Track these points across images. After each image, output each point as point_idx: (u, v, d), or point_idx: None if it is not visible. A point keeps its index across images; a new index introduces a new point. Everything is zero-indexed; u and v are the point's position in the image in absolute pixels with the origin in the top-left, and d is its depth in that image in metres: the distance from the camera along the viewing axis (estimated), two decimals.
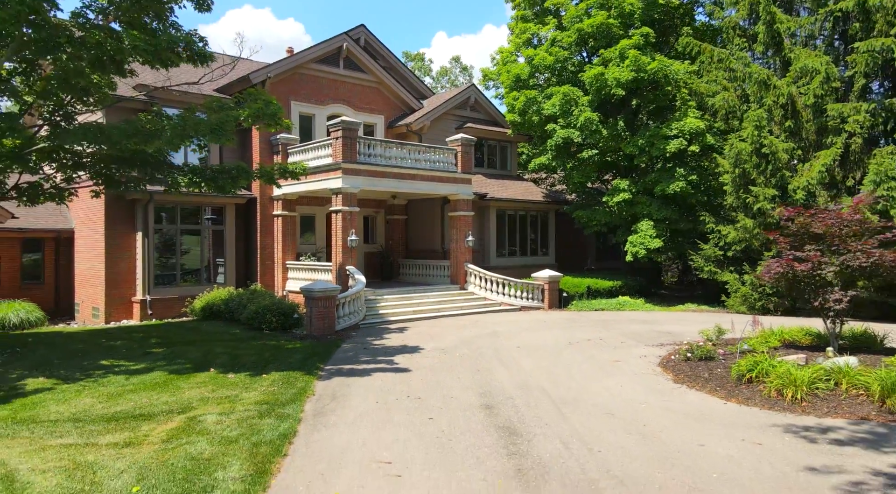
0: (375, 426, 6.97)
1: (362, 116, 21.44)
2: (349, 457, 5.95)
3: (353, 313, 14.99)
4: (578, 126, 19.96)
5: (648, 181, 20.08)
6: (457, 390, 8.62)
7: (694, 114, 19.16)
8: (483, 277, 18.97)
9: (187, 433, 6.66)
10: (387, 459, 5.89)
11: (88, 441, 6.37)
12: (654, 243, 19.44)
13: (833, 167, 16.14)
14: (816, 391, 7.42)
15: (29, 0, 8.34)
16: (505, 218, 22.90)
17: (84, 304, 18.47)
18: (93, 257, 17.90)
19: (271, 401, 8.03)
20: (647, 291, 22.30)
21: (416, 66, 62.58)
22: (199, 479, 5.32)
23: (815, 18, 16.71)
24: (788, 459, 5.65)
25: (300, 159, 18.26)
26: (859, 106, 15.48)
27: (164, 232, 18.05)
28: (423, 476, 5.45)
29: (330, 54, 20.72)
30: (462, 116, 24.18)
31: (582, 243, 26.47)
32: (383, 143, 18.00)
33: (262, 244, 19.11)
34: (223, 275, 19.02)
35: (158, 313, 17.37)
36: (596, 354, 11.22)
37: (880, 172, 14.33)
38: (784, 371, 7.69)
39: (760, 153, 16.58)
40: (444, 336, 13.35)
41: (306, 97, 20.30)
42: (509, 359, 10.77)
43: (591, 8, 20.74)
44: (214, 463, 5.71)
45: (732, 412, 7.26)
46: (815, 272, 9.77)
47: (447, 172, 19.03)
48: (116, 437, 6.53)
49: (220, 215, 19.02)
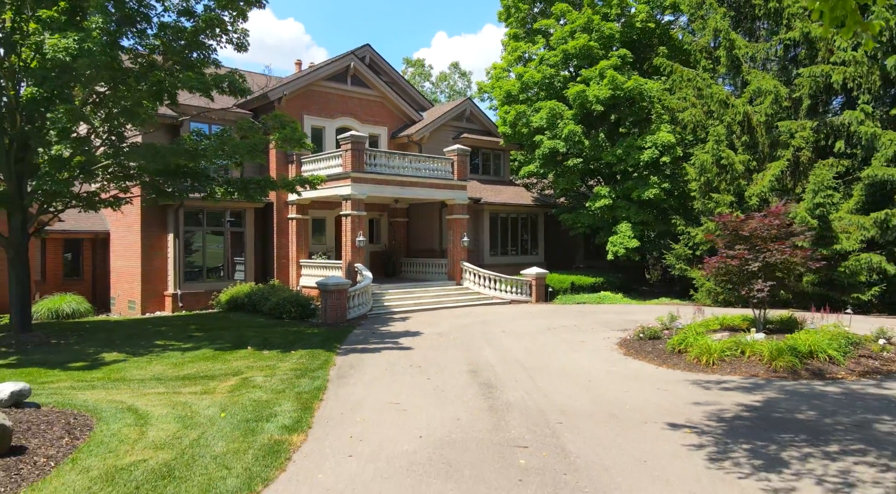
0: (385, 384, 9.17)
1: (368, 127, 23.65)
2: (367, 401, 8.14)
3: (362, 304, 17.19)
4: (563, 137, 22.15)
5: (627, 188, 22.27)
6: (449, 361, 10.82)
7: (667, 128, 21.36)
8: (477, 274, 21.18)
9: (244, 387, 8.86)
10: (395, 402, 8.09)
11: (174, 391, 8.59)
12: (632, 243, 21.64)
13: (784, 177, 18.35)
14: (725, 357, 9.63)
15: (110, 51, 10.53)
16: (498, 220, 25.12)
17: (120, 298, 20.68)
18: (129, 255, 20.11)
19: (303, 368, 10.22)
20: (628, 287, 24.47)
21: (417, 71, 64.80)
22: (263, 411, 7.52)
23: (770, 44, 18.91)
24: (684, 398, 7.87)
25: (312, 168, 20.46)
26: (805, 123, 17.69)
27: (192, 234, 20.26)
28: (423, 410, 7.65)
29: (339, 72, 22.94)
30: (459, 126, 26.39)
31: (571, 243, 28.64)
32: (387, 154, 20.21)
33: (278, 244, 21.32)
34: (242, 272, 21.23)
35: (188, 305, 19.58)
36: (568, 337, 13.42)
37: (818, 183, 16.54)
38: (703, 344, 9.91)
39: (720, 164, 18.80)
40: (441, 324, 15.55)
41: (317, 111, 22.51)
42: (495, 341, 12.97)
43: (575, 31, 22.92)
44: (271, 403, 7.90)
45: (660, 373, 9.47)
46: (744, 267, 11.96)
47: (444, 179, 21.24)
48: (193, 389, 8.73)
49: (240, 218, 21.23)
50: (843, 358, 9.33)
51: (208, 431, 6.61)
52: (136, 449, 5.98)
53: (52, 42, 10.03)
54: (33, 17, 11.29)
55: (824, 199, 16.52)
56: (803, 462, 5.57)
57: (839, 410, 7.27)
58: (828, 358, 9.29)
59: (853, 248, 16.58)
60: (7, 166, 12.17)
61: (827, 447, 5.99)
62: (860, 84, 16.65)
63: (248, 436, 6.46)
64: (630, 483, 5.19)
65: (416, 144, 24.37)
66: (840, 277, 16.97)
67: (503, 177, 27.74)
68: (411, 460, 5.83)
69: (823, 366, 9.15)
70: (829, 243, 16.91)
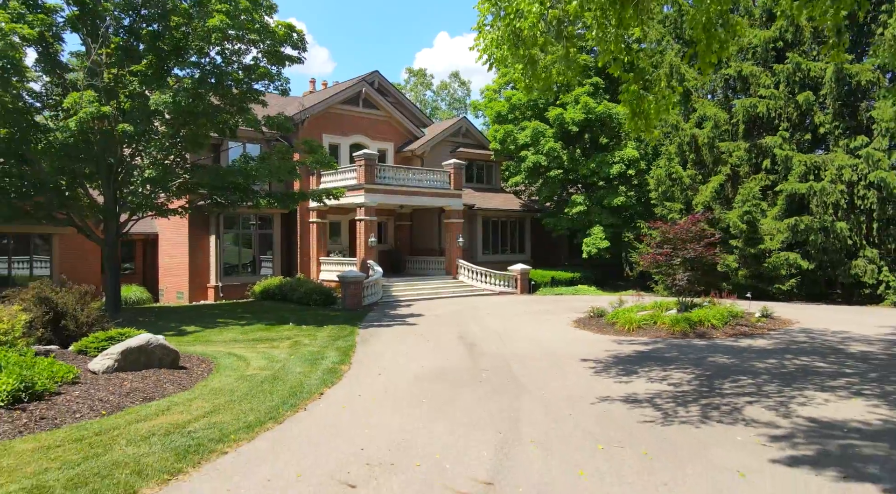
0: (397, 344, 12.92)
1: (377, 143, 27.43)
2: (385, 353, 11.88)
3: (374, 294, 20.95)
4: (545, 153, 25.90)
5: (599, 196, 26.01)
6: (444, 332, 14.58)
7: (632, 145, 25.11)
8: (471, 269, 24.94)
9: (298, 345, 12.61)
10: (405, 353, 11.84)
11: (251, 346, 12.36)
12: (603, 244, 25.40)
13: (725, 188, 22.09)
14: (642, 326, 13.38)
15: (192, 102, 14.31)
16: (489, 223, 28.88)
17: (168, 289, 24.48)
18: (176, 253, 23.91)
19: (336, 336, 13.98)
20: (604, 281, 28.19)
21: (419, 81, 68.66)
22: (317, 356, 11.27)
23: (713, 78, 22.64)
24: (600, 348, 11.63)
25: (331, 180, 24.22)
26: (740, 144, 21.43)
27: (228, 235, 24.03)
28: (423, 356, 11.40)
29: (352, 97, 26.72)
30: (456, 141, 30.16)
31: (555, 243, 32.36)
32: (394, 168, 23.99)
33: (302, 244, 25.10)
34: (270, 268, 25.01)
35: (227, 295, 23.36)
36: (538, 317, 17.16)
37: (745, 194, 20.29)
38: (628, 317, 13.67)
39: (671, 178, 22.56)
40: (439, 309, 19.31)
41: (334, 130, 26.30)
42: (480, 320, 16.72)
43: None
44: (321, 353, 11.65)
45: (593, 337, 13.22)
46: (670, 261, 15.72)
47: (443, 188, 25.00)
48: (263, 346, 12.49)
49: (268, 222, 25.01)
50: (722, 325, 13.09)
51: (287, 364, 10.38)
52: (249, 370, 9.76)
53: (154, 97, 13.82)
54: (128, 72, 15.09)
55: (751, 207, 20.27)
56: (647, 372, 9.33)
57: (693, 352, 11.01)
58: (711, 326, 13.05)
59: (776, 247, 20.31)
60: (108, 185, 15.97)
61: (666, 366, 9.76)
62: (780, 114, 20.40)
63: (313, 366, 10.23)
64: (543, 380, 8.93)
65: (418, 158, 28.14)
66: (766, 271, 20.70)
67: (494, 185, 31.51)
68: (415, 376, 9.58)
69: (707, 331, 12.90)
70: (757, 243, 20.66)
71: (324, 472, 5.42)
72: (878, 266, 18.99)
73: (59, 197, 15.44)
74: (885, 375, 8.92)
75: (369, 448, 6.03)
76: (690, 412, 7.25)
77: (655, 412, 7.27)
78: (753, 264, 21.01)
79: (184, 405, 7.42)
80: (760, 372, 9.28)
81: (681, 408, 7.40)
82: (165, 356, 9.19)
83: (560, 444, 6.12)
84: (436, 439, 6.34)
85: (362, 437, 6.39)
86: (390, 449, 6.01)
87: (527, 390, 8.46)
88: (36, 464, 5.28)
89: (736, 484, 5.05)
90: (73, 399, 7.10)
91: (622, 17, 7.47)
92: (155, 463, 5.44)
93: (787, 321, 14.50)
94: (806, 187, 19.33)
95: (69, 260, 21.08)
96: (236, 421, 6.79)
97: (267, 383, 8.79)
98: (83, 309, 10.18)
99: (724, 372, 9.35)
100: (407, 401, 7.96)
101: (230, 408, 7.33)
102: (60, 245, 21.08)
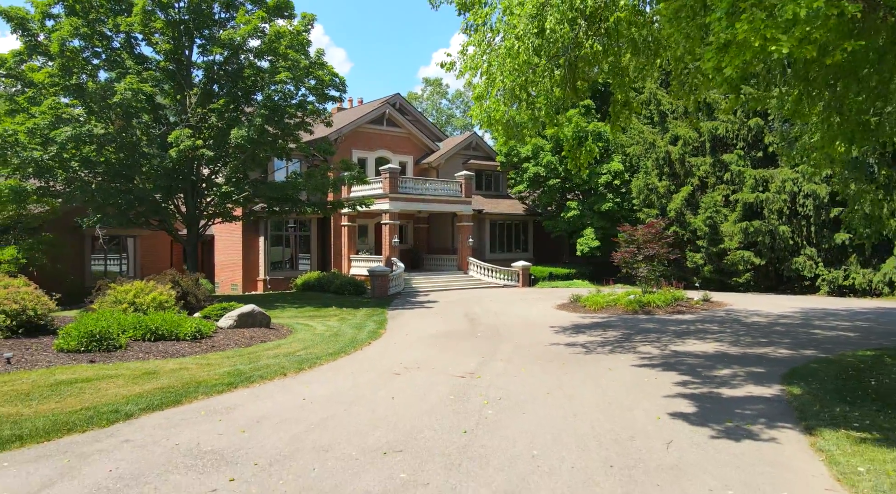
0: (418, 319, 17.17)
1: (398, 156, 31.75)
2: (409, 324, 16.13)
3: (397, 285, 25.24)
4: (543, 165, 30.03)
5: (590, 202, 30.07)
6: (454, 312, 18.81)
7: (618, 158, 29.14)
8: (479, 265, 29.14)
9: (344, 320, 16.92)
10: (423, 323, 16.09)
11: (309, 320, 16.69)
12: (594, 243, 29.46)
13: (694, 196, 26.05)
14: (604, 306, 17.50)
15: (260, 135, 18.71)
16: (496, 226, 33.07)
17: (223, 282, 29.00)
18: (230, 252, 28.42)
19: (370, 314, 18.27)
20: (597, 277, 32.17)
21: (434, 90, 72.99)
22: (360, 326, 15.56)
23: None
24: (569, 320, 15.79)
25: (359, 189, 28.54)
26: (706, 160, 25.40)
27: (274, 236, 28.49)
28: (437, 325, 15.63)
29: (376, 118, 31.08)
30: (467, 154, 34.39)
31: (556, 243, 36.42)
32: (413, 179, 28.29)
33: (334, 244, 29.48)
34: (307, 264, 29.42)
35: (273, 287, 27.81)
36: (531, 303, 21.33)
37: (708, 202, 24.28)
38: (595, 299, 17.78)
39: (649, 188, 26.58)
40: (450, 297, 23.55)
41: (362, 146, 30.67)
42: (483, 304, 20.92)
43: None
44: (362, 324, 15.94)
45: (567, 315, 17.36)
46: (635, 258, 19.82)
47: (455, 196, 29.24)
48: (318, 320, 16.82)
49: (306, 225, 29.44)
50: (665, 306, 17.17)
51: (341, 328, 14.70)
52: (317, 331, 14.09)
53: (234, 133, 18.23)
54: (208, 110, 19.55)
55: (713, 213, 24.25)
56: (591, 332, 13.49)
57: (633, 323, 15.10)
58: (656, 306, 17.14)
59: (734, 247, 24.25)
60: (190, 198, 20.46)
61: (607, 329, 13.93)
62: (737, 135, 24.36)
63: (359, 330, 14.53)
64: (518, 336, 13.10)
65: (434, 169, 32.42)
66: (726, 266, 24.66)
67: (501, 192, 35.70)
68: (430, 334, 13.83)
69: (652, 309, 17.00)
70: (718, 243, 24.63)
71: (379, 369, 9.71)
72: (816, 262, 22.89)
73: (155, 208, 19.92)
74: (747, 333, 13.02)
75: (403, 362, 10.31)
76: (604, 349, 11.42)
77: (583, 349, 11.46)
78: (716, 261, 24.99)
79: (287, 345, 11.78)
80: (668, 332, 13.42)
81: (600, 348, 11.58)
82: (263, 319, 13.55)
83: (516, 360, 10.35)
84: (443, 359, 10.59)
85: (398, 358, 10.67)
86: (416, 362, 10.28)
87: (505, 340, 12.69)
88: (227, 364, 9.64)
89: (605, 373, 9.24)
90: (222, 339, 11.49)
91: (562, 96, 11.64)
92: (287, 365, 9.76)
93: (720, 304, 18.55)
94: (754, 197, 23.30)
95: (146, 257, 25.74)
96: (322, 352, 11.10)
97: (332, 337, 13.11)
98: (199, 289, 14.58)
99: (643, 332, 13.50)
100: (425, 345, 12.24)
101: (316, 347, 11.66)
102: (140, 245, 25.75)
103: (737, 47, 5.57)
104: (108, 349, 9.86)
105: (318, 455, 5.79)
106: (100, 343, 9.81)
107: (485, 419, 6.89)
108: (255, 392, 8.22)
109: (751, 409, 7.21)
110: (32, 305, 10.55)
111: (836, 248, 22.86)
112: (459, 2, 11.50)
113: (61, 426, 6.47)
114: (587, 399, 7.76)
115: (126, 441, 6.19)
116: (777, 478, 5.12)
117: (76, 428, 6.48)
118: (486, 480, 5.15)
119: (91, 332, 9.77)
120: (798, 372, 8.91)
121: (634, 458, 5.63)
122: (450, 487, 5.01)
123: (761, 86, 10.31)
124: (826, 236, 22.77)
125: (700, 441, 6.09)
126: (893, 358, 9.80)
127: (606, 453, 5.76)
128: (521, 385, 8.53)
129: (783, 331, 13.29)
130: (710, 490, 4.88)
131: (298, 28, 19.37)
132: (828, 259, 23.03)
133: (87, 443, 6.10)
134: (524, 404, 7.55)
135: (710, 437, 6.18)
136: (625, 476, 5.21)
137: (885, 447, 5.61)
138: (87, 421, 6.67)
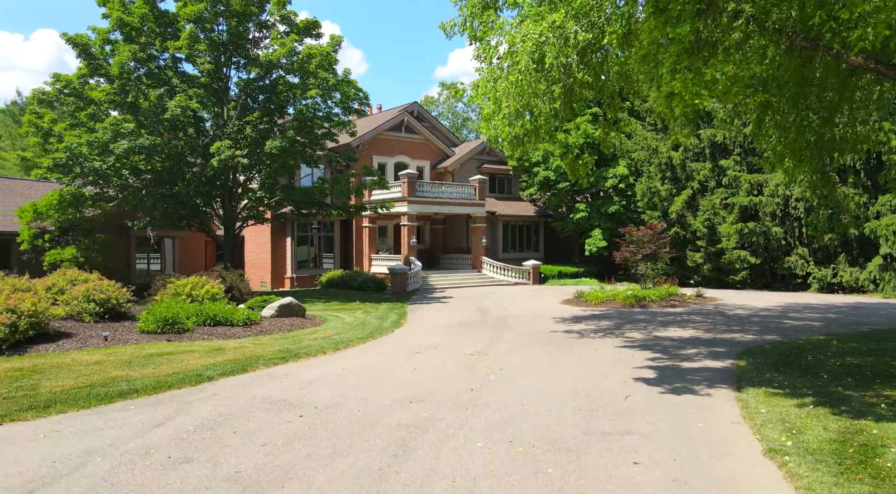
0: (434, 312, 19.05)
1: (416, 161, 33.68)
2: (427, 315, 18.02)
3: (415, 282, 27.16)
4: (553, 169, 31.77)
5: (598, 204, 31.75)
6: (467, 306, 20.67)
7: (624, 163, 30.79)
8: (492, 264, 30.97)
9: (368, 313, 18.85)
10: (439, 315, 17.97)
11: (338, 312, 18.65)
12: (601, 243, 31.15)
13: (694, 199, 27.65)
14: (604, 301, 19.24)
15: (291, 145, 20.73)
16: (509, 227, 34.86)
17: (253, 280, 31.11)
18: (260, 251, 30.53)
19: (392, 308, 20.19)
20: (603, 275, 33.85)
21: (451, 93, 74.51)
22: (384, 317, 17.48)
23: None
24: (570, 313, 17.57)
25: (380, 193, 30.51)
26: (705, 165, 26.98)
27: (300, 236, 30.56)
28: (451, 317, 17.52)
29: (395, 125, 33.04)
30: (481, 158, 36.23)
31: (566, 243, 38.14)
32: (430, 183, 30.20)
33: (356, 244, 31.48)
34: (331, 263, 31.45)
35: (299, 284, 29.88)
36: (538, 298, 23.11)
37: (706, 205, 25.88)
38: (596, 295, 19.53)
39: (652, 191, 28.23)
40: (464, 293, 25.41)
41: (382, 152, 32.65)
42: (495, 300, 22.76)
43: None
44: (385, 316, 17.86)
45: (570, 308, 19.13)
46: (635, 257, 21.54)
47: (469, 199, 31.09)
48: (346, 312, 18.78)
49: (330, 226, 31.47)
50: (659, 300, 18.88)
51: (367, 319, 16.63)
52: (346, 321, 16.03)
53: (269, 143, 20.26)
54: (244, 122, 21.61)
55: (711, 215, 25.86)
56: (588, 322, 15.27)
57: (627, 314, 16.83)
58: (651, 300, 18.85)
59: (731, 247, 25.83)
60: (228, 202, 22.55)
61: (602, 320, 15.69)
62: (734, 141, 25.94)
63: (383, 320, 16.44)
64: (523, 325, 14.92)
65: (450, 174, 34.31)
66: (724, 265, 26.24)
67: (513, 194, 37.49)
68: (446, 324, 15.70)
69: (647, 304, 18.71)
70: (716, 243, 26.22)
71: (402, 350, 11.62)
72: (807, 261, 24.41)
73: (196, 211, 22.03)
74: (725, 323, 14.73)
75: (423, 344, 12.21)
76: (596, 335, 13.22)
77: (577, 335, 13.26)
78: (715, 260, 26.58)
79: (322, 331, 13.74)
80: (656, 322, 15.16)
81: (593, 334, 13.38)
82: (299, 310, 15.53)
83: (518, 344, 12.19)
84: (456, 342, 12.46)
85: (418, 341, 12.56)
86: (433, 344, 12.18)
87: (511, 328, 14.54)
88: (277, 344, 11.62)
89: (592, 352, 11.06)
90: (267, 326, 13.49)
91: (560, 115, 13.43)
92: (325, 346, 11.70)
93: (711, 299, 20.21)
94: (748, 200, 24.88)
95: (183, 256, 27.97)
96: (353, 337, 13.02)
97: (360, 326, 15.05)
98: (242, 283, 16.60)
99: (634, 322, 15.27)
100: (441, 332, 14.12)
101: (347, 333, 13.60)
102: (178, 245, 27.97)
103: (678, 97, 7.38)
104: (179, 332, 11.90)
105: (360, 403, 7.70)
106: (171, 326, 11.86)
107: (488, 382, 8.75)
108: (303, 365, 10.17)
109: (700, 376, 9.01)
110: (115, 295, 12.62)
111: (825, 248, 24.35)
112: (471, 34, 13.39)
113: (162, 384, 8.46)
114: (572, 370, 9.59)
115: (214, 394, 8.16)
116: (700, 416, 6.94)
117: (174, 386, 8.47)
118: (486, 417, 7.02)
119: (165, 317, 11.83)
120: (751, 351, 10.67)
121: (598, 404, 7.47)
122: (459, 421, 6.89)
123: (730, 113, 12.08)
124: (817, 236, 24.28)
125: (652, 395, 7.91)
126: (840, 342, 11.49)
127: (578, 402, 7.61)
128: (519, 361, 10.39)
129: (757, 321, 14.98)
130: (647, 422, 6.71)
131: (327, 49, 21.36)
132: (818, 258, 24.54)
133: (186, 395, 8.08)
134: (520, 373, 9.40)
135: (659, 393, 8.00)
136: (588, 415, 7.06)
137: (789, 398, 7.40)
138: (180, 381, 8.66)
